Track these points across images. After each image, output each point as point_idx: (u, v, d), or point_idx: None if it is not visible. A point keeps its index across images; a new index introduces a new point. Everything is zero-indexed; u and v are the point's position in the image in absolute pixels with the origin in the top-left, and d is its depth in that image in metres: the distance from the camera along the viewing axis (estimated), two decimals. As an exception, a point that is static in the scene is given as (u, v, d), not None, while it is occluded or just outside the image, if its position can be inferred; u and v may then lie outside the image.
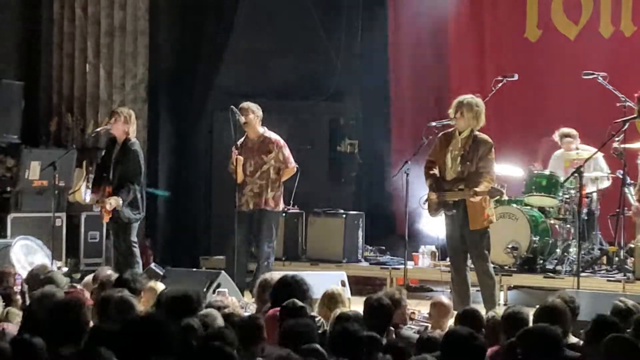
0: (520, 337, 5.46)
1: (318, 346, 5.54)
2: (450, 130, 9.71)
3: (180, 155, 13.81)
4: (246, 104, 11.01)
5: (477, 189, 9.33)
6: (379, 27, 14.44)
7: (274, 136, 11.11)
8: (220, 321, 6.11)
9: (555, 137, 11.99)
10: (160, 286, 7.85)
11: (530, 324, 6.28)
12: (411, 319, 8.99)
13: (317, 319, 6.84)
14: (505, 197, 10.25)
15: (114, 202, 10.27)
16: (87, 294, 7.77)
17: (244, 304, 8.97)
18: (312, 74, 14.05)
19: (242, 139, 11.02)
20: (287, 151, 11.10)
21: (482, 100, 9.84)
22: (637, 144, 11.24)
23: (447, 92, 13.43)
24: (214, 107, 13.49)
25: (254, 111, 11.00)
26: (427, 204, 9.80)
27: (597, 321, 6.00)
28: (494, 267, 10.16)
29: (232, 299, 7.87)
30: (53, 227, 11.36)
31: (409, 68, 14.52)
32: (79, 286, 8.46)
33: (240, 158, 10.84)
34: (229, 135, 11.06)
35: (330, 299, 7.50)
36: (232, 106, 10.99)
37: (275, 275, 7.98)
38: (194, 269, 11.19)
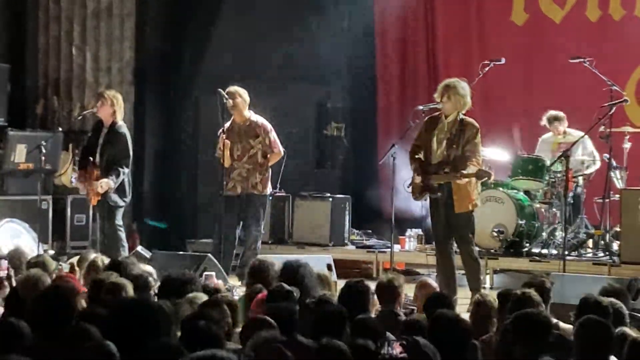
0: (511, 322, 5.47)
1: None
2: (436, 114, 9.71)
3: (166, 138, 13.79)
4: (233, 88, 10.98)
5: (464, 171, 9.34)
6: (366, 10, 14.43)
7: (260, 120, 11.09)
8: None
9: (543, 120, 12.01)
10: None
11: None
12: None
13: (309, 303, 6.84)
14: (492, 180, 10.23)
15: (105, 184, 10.24)
16: (81, 280, 7.75)
17: (230, 287, 8.98)
18: (298, 57, 14.02)
19: (228, 123, 11.00)
20: (273, 135, 11.08)
21: (469, 84, 9.84)
22: (623, 128, 11.27)
23: (434, 75, 13.45)
24: (201, 90, 13.47)
25: (241, 95, 10.98)
26: (411, 187, 9.81)
27: (583, 303, 6.03)
28: (480, 251, 10.18)
29: (219, 282, 7.88)
30: (39, 210, 11.34)
31: (396, 51, 14.52)
32: (63, 265, 8.44)
33: (228, 142, 10.82)
34: (216, 118, 11.04)
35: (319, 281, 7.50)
36: (219, 89, 10.96)
37: (265, 258, 7.98)
38: (180, 252, 11.19)
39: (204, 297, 6.24)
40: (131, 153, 10.55)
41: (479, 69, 11.56)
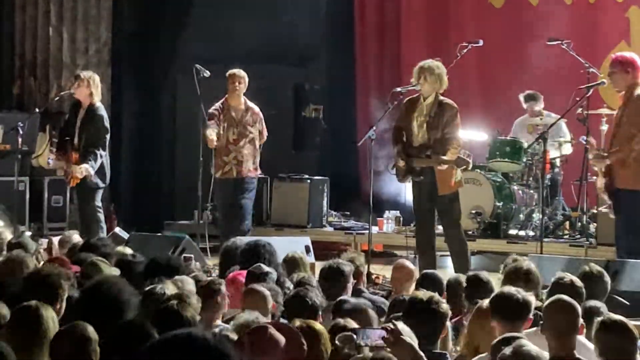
0: (492, 301, 5.49)
1: None
2: (415, 95, 9.70)
3: (144, 120, 13.75)
4: (240, 72, 10.99)
5: (444, 157, 9.33)
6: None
7: (256, 108, 11.18)
8: (191, 286, 6.12)
9: (520, 98, 12.04)
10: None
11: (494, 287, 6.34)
12: (375, 284, 9.06)
13: (287, 284, 6.86)
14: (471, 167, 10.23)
15: (84, 171, 10.20)
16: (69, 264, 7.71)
17: (208, 268, 8.99)
18: (276, 38, 13.99)
19: (219, 104, 10.96)
20: (263, 122, 11.18)
21: (447, 66, 9.84)
22: (600, 110, 11.30)
23: (412, 57, 13.43)
24: (178, 71, 13.41)
25: (246, 81, 11.02)
26: (395, 169, 9.81)
27: (556, 282, 6.07)
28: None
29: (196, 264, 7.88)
30: (16, 191, 11.29)
31: (374, 33, 14.51)
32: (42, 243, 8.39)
33: (215, 126, 10.81)
34: (194, 99, 11.01)
35: (291, 263, 7.52)
36: (196, 64, 10.95)
37: (240, 240, 7.99)
38: (158, 234, 11.17)
39: (189, 281, 6.23)
40: (108, 134, 10.51)
41: (457, 50, 11.55)
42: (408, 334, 4.84)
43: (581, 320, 5.13)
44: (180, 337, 2.79)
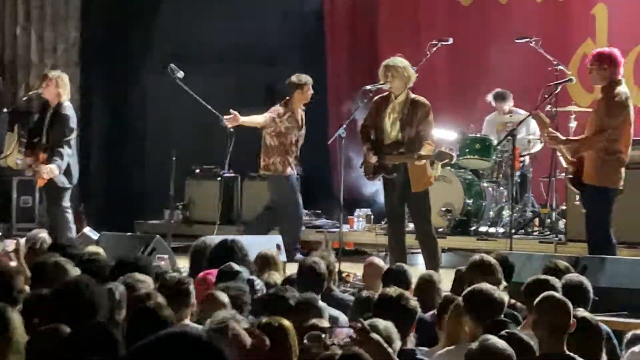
0: (466, 298, 5.51)
1: None
2: (385, 94, 9.71)
3: (113, 119, 13.71)
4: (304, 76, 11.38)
5: (421, 153, 9.35)
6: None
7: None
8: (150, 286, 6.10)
9: (489, 97, 12.09)
10: None
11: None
12: (346, 282, 9.07)
13: (256, 282, 6.86)
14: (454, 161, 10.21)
15: (49, 171, 10.17)
16: (14, 260, 7.66)
17: (178, 268, 8.96)
18: (247, 38, 13.97)
19: (281, 109, 11.40)
20: None
21: (417, 64, 9.86)
22: (569, 107, 11.36)
23: (382, 56, 13.44)
24: (148, 70, 13.38)
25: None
26: (364, 167, 9.82)
27: (533, 281, 6.10)
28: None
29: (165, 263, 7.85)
30: (-16, 192, 11.24)
31: (344, 31, 14.53)
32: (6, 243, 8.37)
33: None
34: (163, 98, 10.99)
35: (263, 262, 7.53)
36: (171, 64, 10.93)
37: (210, 239, 7.98)
38: (129, 234, 11.14)
39: (147, 279, 6.20)
40: (74, 134, 10.47)
41: (427, 48, 11.58)
42: (389, 331, 4.86)
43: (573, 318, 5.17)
44: (174, 335, 2.79)
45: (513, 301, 6.73)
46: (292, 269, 8.38)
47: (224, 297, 5.82)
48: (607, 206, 8.72)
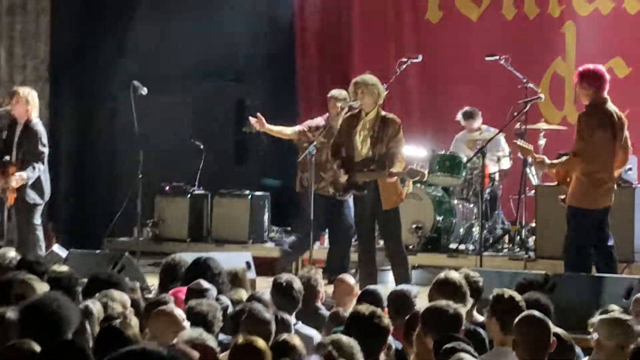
0: (422, 314, 5.52)
1: None
2: (356, 111, 9.73)
3: (83, 136, 13.64)
4: (340, 93, 10.76)
5: (392, 170, 9.36)
6: (285, 6, 14.42)
7: None
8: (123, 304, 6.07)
9: (458, 116, 12.13)
10: None
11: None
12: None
13: (222, 300, 6.83)
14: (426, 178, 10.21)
15: (19, 178, 10.12)
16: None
17: (147, 286, 8.93)
18: (217, 54, 13.96)
19: (322, 121, 10.96)
20: None
21: (386, 82, 9.88)
22: (538, 124, 11.42)
23: (352, 73, 13.47)
24: (118, 87, 13.34)
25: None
26: (334, 185, 9.82)
27: (496, 297, 6.11)
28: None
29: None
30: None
31: (314, 48, 14.54)
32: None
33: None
34: (131, 115, 10.95)
35: (231, 279, 7.51)
36: (134, 81, 10.88)
37: (179, 257, 7.95)
38: (97, 251, 11.08)
39: (122, 297, 6.18)
40: (46, 149, 10.43)
41: (396, 66, 11.62)
42: (353, 349, 4.85)
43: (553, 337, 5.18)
44: (135, 352, 2.77)
45: (482, 318, 6.73)
46: (262, 286, 8.38)
47: (179, 315, 5.80)
48: (581, 227, 8.72)
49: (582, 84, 8.74)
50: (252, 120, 10.85)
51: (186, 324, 5.69)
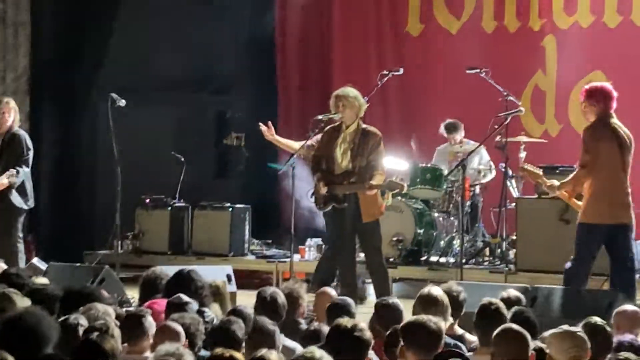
0: (402, 329, 5.50)
1: None
2: (336, 123, 9.73)
3: (63, 148, 13.59)
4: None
5: (372, 182, 9.37)
6: (266, 20, 14.44)
7: None
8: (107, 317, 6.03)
9: (441, 128, 12.14)
10: None
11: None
12: (300, 312, 9.02)
13: (206, 314, 6.80)
14: (405, 190, 10.20)
15: (6, 178, 10.09)
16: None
17: (127, 299, 8.88)
18: (198, 66, 13.96)
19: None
20: None
21: (368, 94, 9.89)
22: (519, 137, 11.45)
23: (333, 85, 13.48)
24: (98, 99, 13.29)
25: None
26: (314, 197, 9.81)
27: (481, 309, 6.10)
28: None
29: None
30: None
31: (295, 61, 14.56)
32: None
33: None
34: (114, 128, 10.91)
35: (212, 292, 7.46)
36: (111, 93, 10.86)
37: (160, 270, 7.91)
38: (77, 264, 11.02)
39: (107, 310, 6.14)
40: (31, 153, 10.40)
41: (377, 79, 11.63)
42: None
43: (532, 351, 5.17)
44: None
45: (461, 332, 6.73)
46: (241, 300, 8.35)
47: (178, 328, 5.77)
48: (582, 240, 8.65)
49: (589, 100, 8.73)
50: (263, 128, 10.72)
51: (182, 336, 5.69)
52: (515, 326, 5.28)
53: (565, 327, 5.41)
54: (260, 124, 10.77)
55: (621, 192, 8.63)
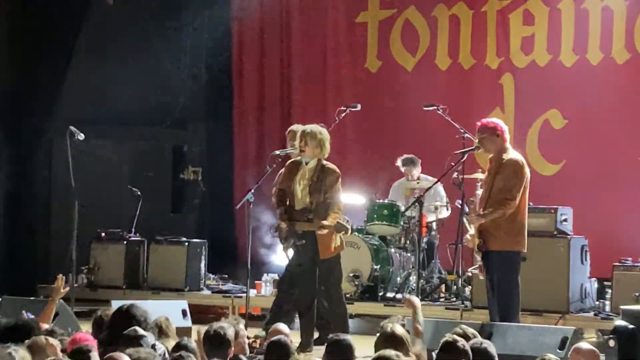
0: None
1: None
2: (297, 158, 9.73)
3: (18, 181, 13.47)
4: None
5: (324, 222, 9.39)
6: (223, 54, 14.45)
7: None
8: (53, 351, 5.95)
9: (398, 162, 12.16)
10: None
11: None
12: (253, 348, 8.96)
13: (157, 347, 6.73)
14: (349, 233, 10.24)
15: None
16: None
17: (55, 329, 8.75)
18: (155, 100, 13.92)
19: None
20: None
21: (326, 129, 9.90)
22: (475, 174, 11.49)
23: (290, 121, 13.50)
24: (54, 132, 13.21)
25: None
26: (277, 232, 9.80)
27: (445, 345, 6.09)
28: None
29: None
30: None
31: (253, 95, 14.55)
32: None
33: None
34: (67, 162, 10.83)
35: (158, 329, 7.39)
36: (70, 127, 10.80)
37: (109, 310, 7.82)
38: (32, 298, 10.90)
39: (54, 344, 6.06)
40: None
41: (335, 114, 11.65)
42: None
43: None
44: None
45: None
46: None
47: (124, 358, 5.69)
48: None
49: (495, 133, 9.24)
50: None
51: None
52: None
53: None
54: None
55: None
